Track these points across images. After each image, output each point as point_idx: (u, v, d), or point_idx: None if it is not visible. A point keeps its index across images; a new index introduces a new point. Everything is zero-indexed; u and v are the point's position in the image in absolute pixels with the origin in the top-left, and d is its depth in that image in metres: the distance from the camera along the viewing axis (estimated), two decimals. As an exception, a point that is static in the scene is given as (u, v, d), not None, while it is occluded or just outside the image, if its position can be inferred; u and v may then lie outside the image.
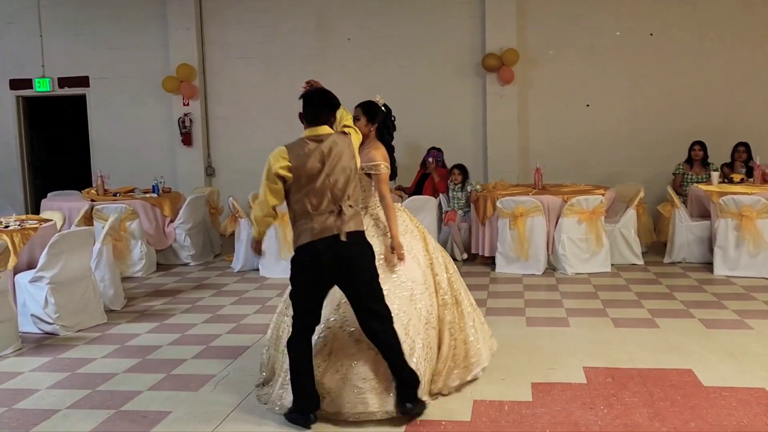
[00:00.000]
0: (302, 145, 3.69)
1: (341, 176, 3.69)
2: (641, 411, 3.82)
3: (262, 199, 3.67)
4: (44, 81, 11.19)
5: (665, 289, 6.71)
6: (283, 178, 3.62)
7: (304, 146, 3.68)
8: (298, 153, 3.65)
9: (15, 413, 4.02)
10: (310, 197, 3.64)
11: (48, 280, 5.55)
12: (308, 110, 3.80)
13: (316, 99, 3.83)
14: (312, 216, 3.64)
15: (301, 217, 3.66)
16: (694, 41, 9.79)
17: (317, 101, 3.83)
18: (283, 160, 3.61)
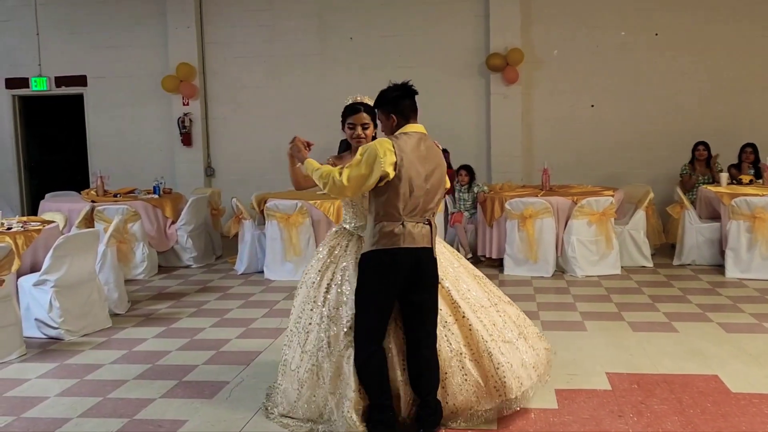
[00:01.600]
0: (407, 141, 3.46)
1: (437, 183, 3.54)
2: (672, 419, 3.72)
3: (340, 183, 3.38)
4: (41, 80, 11.02)
5: (678, 291, 6.63)
6: (385, 175, 3.37)
7: (410, 143, 3.46)
8: (402, 145, 3.42)
9: (24, 422, 3.88)
10: (404, 198, 3.41)
11: (53, 284, 5.40)
12: (407, 101, 3.55)
13: (411, 91, 3.57)
14: (402, 220, 3.43)
15: (387, 218, 3.42)
16: (699, 41, 9.73)
17: (412, 93, 3.57)
18: (390, 154, 3.36)
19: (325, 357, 3.61)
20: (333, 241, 3.87)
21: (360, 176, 3.38)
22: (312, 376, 3.65)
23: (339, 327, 3.61)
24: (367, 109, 3.88)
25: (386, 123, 3.62)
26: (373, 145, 3.41)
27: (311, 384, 3.66)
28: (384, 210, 3.44)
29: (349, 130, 3.90)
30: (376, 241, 3.45)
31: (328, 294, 3.70)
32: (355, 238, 3.80)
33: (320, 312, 3.68)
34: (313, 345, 3.66)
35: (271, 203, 7.65)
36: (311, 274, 3.83)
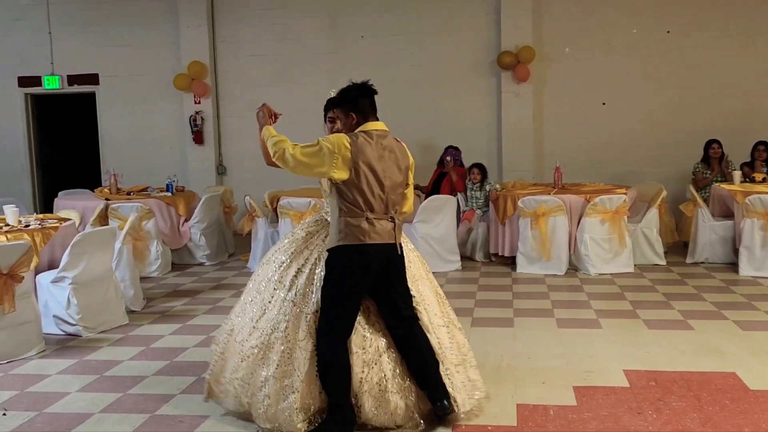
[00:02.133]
0: (363, 137, 3.54)
1: (397, 180, 3.60)
2: (691, 416, 3.73)
3: (289, 156, 3.44)
4: (53, 79, 11.07)
5: (692, 290, 6.63)
6: (332, 179, 3.48)
7: (369, 140, 3.54)
8: (360, 144, 3.50)
9: (47, 417, 3.91)
10: (365, 195, 3.48)
11: (70, 281, 5.44)
12: (366, 100, 3.64)
13: (370, 90, 3.66)
14: (366, 215, 3.49)
15: (354, 214, 3.48)
16: (711, 39, 9.70)
17: (371, 92, 3.66)
18: (346, 151, 3.45)
19: (278, 339, 3.57)
20: (312, 228, 3.86)
21: (308, 160, 3.44)
22: (257, 354, 3.61)
23: (301, 314, 3.58)
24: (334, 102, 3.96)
25: (345, 121, 3.71)
26: (332, 141, 3.45)
27: (253, 361, 3.62)
28: (347, 205, 3.50)
29: (329, 123, 4.02)
30: (342, 236, 3.49)
31: (296, 278, 3.66)
32: None
33: (284, 294, 3.64)
34: (267, 324, 3.63)
35: (285, 201, 7.68)
36: (280, 254, 3.81)
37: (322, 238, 3.74)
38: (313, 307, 3.58)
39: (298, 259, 3.72)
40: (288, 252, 3.77)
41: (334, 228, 3.53)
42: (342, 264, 3.51)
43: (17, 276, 4.91)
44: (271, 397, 3.55)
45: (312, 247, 3.74)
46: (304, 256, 3.72)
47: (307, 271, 3.66)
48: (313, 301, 3.59)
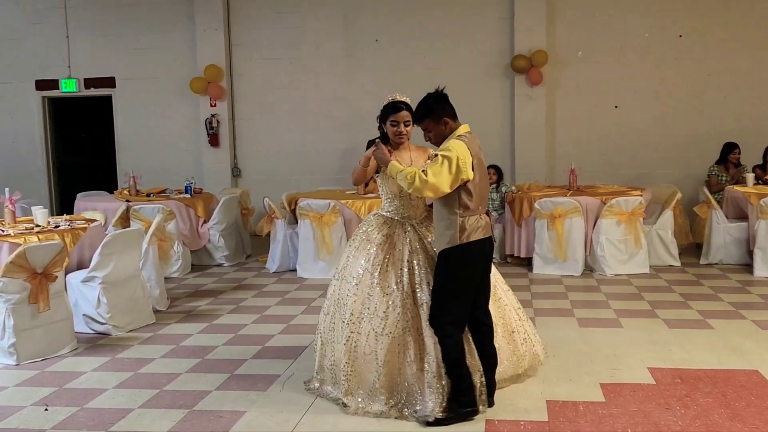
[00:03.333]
0: (471, 140, 3.75)
1: (486, 178, 3.85)
2: (719, 411, 3.82)
3: (433, 182, 3.58)
4: (70, 82, 11.19)
5: (709, 290, 6.71)
6: (467, 179, 3.67)
7: (473, 141, 3.75)
8: (474, 149, 3.71)
9: (89, 413, 4.01)
10: (478, 194, 3.73)
11: (100, 280, 5.54)
12: (449, 105, 3.82)
13: (447, 96, 3.85)
14: (479, 213, 3.75)
15: (468, 212, 3.71)
16: (723, 42, 9.80)
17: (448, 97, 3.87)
18: (468, 156, 3.65)
19: (410, 338, 3.84)
20: (386, 229, 4.09)
21: (444, 175, 3.60)
22: (395, 356, 3.85)
23: (420, 309, 3.86)
24: (407, 107, 4.09)
25: (438, 130, 3.82)
26: (455, 149, 3.63)
27: (393, 363, 3.85)
28: (463, 205, 3.71)
29: (392, 127, 4.11)
30: (466, 235, 3.71)
31: (401, 280, 3.92)
32: (408, 226, 4.08)
33: (399, 295, 3.89)
34: (394, 326, 3.86)
35: (304, 203, 7.78)
36: (365, 261, 4.01)
37: (400, 235, 4.03)
38: (426, 299, 3.86)
39: (392, 261, 3.99)
40: (376, 258, 3.99)
41: (453, 228, 3.69)
42: (465, 259, 3.73)
43: (51, 275, 5.03)
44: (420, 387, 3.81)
45: (400, 247, 4.01)
46: (395, 256, 3.99)
47: (407, 271, 3.94)
48: (421, 295, 3.88)
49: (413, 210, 4.12)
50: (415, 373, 3.81)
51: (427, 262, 3.95)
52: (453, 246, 3.70)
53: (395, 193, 4.09)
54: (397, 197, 4.10)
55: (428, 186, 3.61)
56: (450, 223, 3.71)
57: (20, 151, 11.41)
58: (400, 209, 4.11)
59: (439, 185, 3.60)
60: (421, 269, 3.92)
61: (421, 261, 3.95)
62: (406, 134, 4.12)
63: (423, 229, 4.09)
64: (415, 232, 4.05)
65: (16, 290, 4.87)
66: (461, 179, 3.64)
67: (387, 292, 3.90)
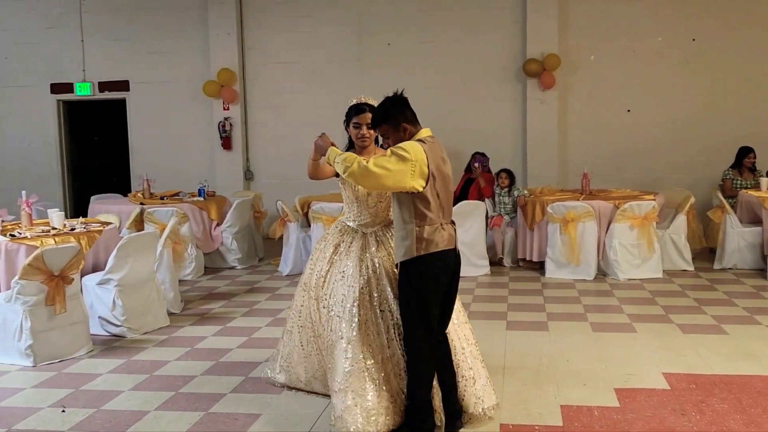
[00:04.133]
0: (432, 145, 3.51)
1: (451, 186, 3.65)
2: (734, 417, 3.81)
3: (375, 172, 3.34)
4: (85, 85, 11.29)
5: (723, 295, 6.69)
6: (410, 189, 3.41)
7: (435, 147, 3.52)
8: (434, 155, 3.49)
9: (105, 414, 4.05)
10: (437, 203, 3.48)
11: (116, 283, 5.59)
12: (409, 109, 3.59)
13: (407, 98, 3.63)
14: (439, 223, 3.49)
15: (426, 222, 3.46)
16: (737, 46, 9.76)
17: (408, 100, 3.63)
18: (424, 166, 3.40)
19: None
20: (337, 238, 4.05)
21: (384, 171, 3.35)
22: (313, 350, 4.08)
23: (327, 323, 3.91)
24: (372, 109, 3.91)
25: (396, 136, 3.58)
26: (407, 150, 3.38)
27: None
28: (420, 215, 3.46)
29: (354, 129, 4.01)
30: (424, 245, 3.45)
31: (335, 289, 3.90)
32: (359, 235, 3.98)
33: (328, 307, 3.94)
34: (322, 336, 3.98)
35: (317, 206, 7.80)
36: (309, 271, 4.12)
37: (348, 243, 3.97)
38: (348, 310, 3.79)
39: (335, 275, 3.95)
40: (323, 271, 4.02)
41: (410, 238, 3.45)
42: (425, 272, 3.47)
43: (68, 278, 5.07)
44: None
45: (342, 258, 3.95)
46: (338, 269, 3.94)
47: (340, 281, 3.90)
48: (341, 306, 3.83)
49: (372, 217, 3.96)
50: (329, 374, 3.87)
51: (358, 273, 3.81)
52: (410, 258, 3.46)
53: (352, 198, 3.96)
54: (354, 202, 3.96)
55: (367, 174, 3.35)
56: (406, 234, 3.48)
57: (35, 154, 11.51)
58: (358, 216, 3.97)
59: (379, 177, 3.34)
60: (353, 278, 3.82)
61: (354, 272, 3.83)
62: (370, 137, 3.99)
63: (373, 237, 3.92)
64: (361, 240, 3.92)
65: (33, 292, 4.92)
66: (405, 186, 3.38)
67: (320, 304, 4.00)
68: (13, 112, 11.54)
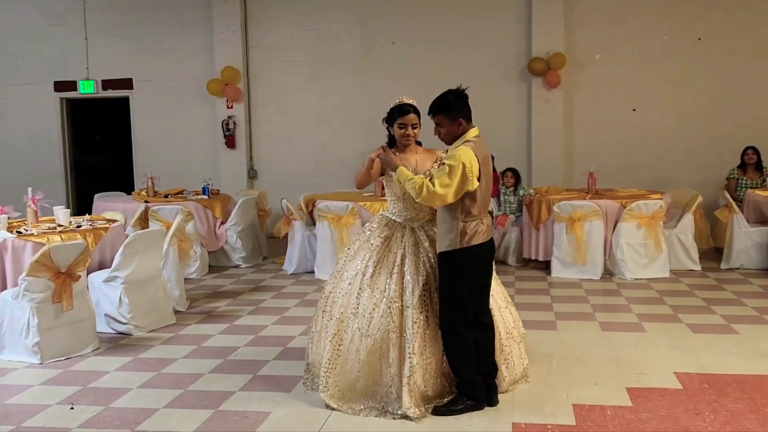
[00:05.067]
0: (478, 144, 3.76)
1: (490, 182, 3.88)
2: (749, 417, 3.78)
3: (441, 194, 3.64)
4: (88, 83, 11.26)
5: (732, 295, 6.65)
6: (473, 189, 3.71)
7: (481, 146, 3.77)
8: (481, 154, 3.75)
9: (114, 412, 4.01)
10: (482, 200, 3.78)
11: (122, 280, 5.55)
12: (468, 106, 3.83)
13: (467, 96, 3.86)
14: (480, 218, 3.80)
15: (470, 217, 3.76)
16: (743, 45, 9.74)
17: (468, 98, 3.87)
18: (476, 166, 3.68)
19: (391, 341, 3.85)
20: (386, 231, 4.13)
21: (453, 186, 3.64)
22: (376, 358, 3.87)
23: (405, 313, 3.88)
24: (414, 109, 4.10)
25: (451, 128, 3.83)
26: (464, 159, 3.65)
27: (374, 364, 3.88)
28: (466, 211, 3.76)
29: (399, 129, 4.10)
30: (467, 239, 3.77)
31: (389, 283, 3.94)
32: (408, 230, 4.10)
33: (385, 299, 3.90)
34: (377, 329, 3.87)
35: (322, 204, 7.77)
36: (361, 262, 4.05)
37: (399, 238, 4.06)
38: (411, 301, 3.87)
39: (386, 264, 4.00)
40: (370, 259, 4.04)
41: (454, 231, 3.75)
42: (464, 263, 3.78)
43: (75, 275, 5.04)
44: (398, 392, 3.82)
45: (395, 250, 4.02)
46: (390, 260, 4.01)
47: (396, 273, 3.95)
48: (408, 297, 3.88)
49: (416, 212, 4.13)
50: (393, 377, 3.84)
51: (416, 267, 3.96)
52: (453, 249, 3.75)
53: (398, 195, 4.11)
54: (400, 199, 4.12)
55: (436, 197, 3.66)
56: (451, 227, 3.76)
57: (38, 152, 11.48)
58: (403, 211, 4.14)
59: (445, 196, 3.65)
60: (410, 274, 3.93)
61: (410, 266, 3.96)
62: (413, 137, 4.13)
63: (423, 233, 4.09)
64: (412, 235, 4.07)
65: (40, 289, 4.88)
66: (466, 189, 3.68)
67: (375, 294, 3.93)
68: (16, 110, 11.50)
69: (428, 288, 3.94)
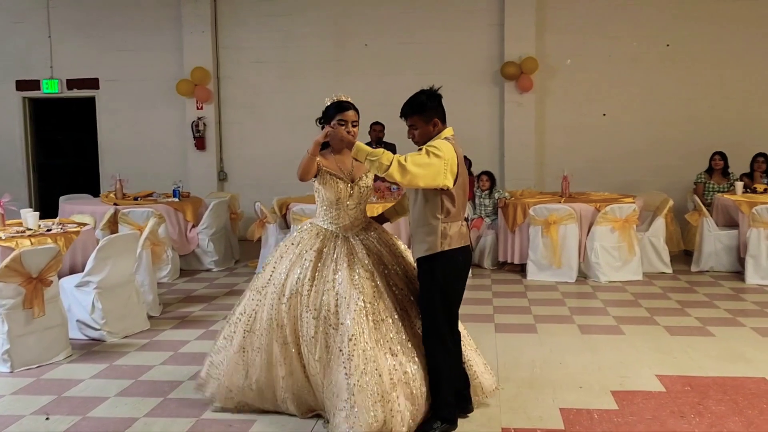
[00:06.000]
0: (456, 145, 3.61)
1: (467, 184, 3.70)
2: (733, 419, 3.82)
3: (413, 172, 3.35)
4: (52, 82, 10.98)
5: (704, 297, 6.76)
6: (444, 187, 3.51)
7: (456, 146, 3.61)
8: (459, 155, 3.58)
9: (92, 422, 3.88)
10: (461, 201, 3.61)
11: (95, 285, 5.40)
12: (442, 108, 3.65)
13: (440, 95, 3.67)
14: (460, 220, 3.63)
15: (450, 218, 3.57)
16: (710, 53, 9.92)
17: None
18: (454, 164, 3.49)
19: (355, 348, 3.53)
20: (318, 243, 3.81)
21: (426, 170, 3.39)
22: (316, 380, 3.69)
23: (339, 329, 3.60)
24: (353, 107, 3.86)
25: (425, 129, 3.61)
26: (440, 149, 3.43)
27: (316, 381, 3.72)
28: (446, 211, 3.56)
29: (339, 126, 3.75)
30: (448, 241, 3.55)
31: (325, 299, 3.66)
32: (341, 239, 3.82)
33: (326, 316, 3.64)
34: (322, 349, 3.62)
35: (297, 207, 7.68)
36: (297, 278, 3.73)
37: (331, 249, 3.78)
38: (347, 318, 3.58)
39: (321, 281, 3.71)
40: (308, 278, 3.71)
41: (434, 234, 3.53)
42: (449, 267, 3.57)
43: (46, 280, 4.88)
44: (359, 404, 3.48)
45: (328, 264, 3.73)
46: (323, 275, 3.71)
47: (329, 289, 3.67)
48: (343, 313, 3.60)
49: (352, 219, 3.87)
50: (326, 392, 3.63)
51: (350, 281, 3.65)
52: (434, 253, 3.53)
53: (332, 201, 3.82)
54: (333, 205, 3.83)
55: (406, 173, 3.34)
56: (431, 229, 3.54)
57: (0, 153, 11.15)
58: (337, 219, 3.85)
59: (415, 177, 3.36)
60: (343, 288, 3.63)
61: (344, 280, 3.65)
62: (354, 135, 3.77)
63: (358, 241, 3.83)
64: (346, 247, 3.79)
65: (10, 295, 4.71)
66: (439, 184, 3.44)
67: (314, 315, 3.65)
68: (-24, 109, 11.17)
69: (363, 301, 3.61)
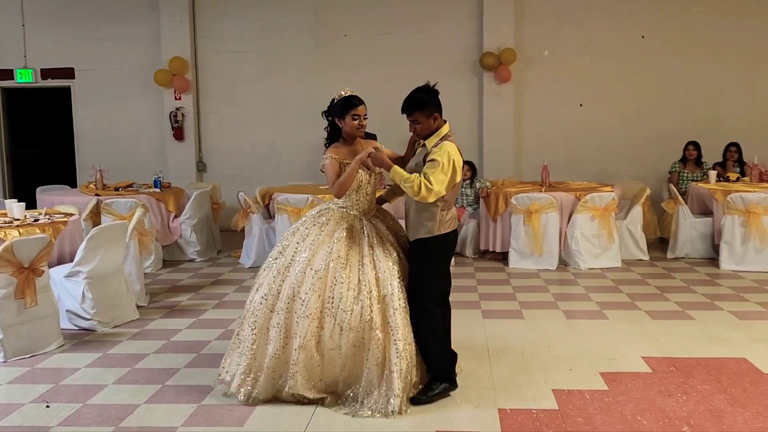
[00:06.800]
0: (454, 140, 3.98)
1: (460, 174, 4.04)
2: (718, 397, 3.98)
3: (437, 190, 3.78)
4: (26, 72, 10.82)
5: (681, 283, 6.95)
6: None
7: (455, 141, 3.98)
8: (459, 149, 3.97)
9: (93, 408, 3.91)
10: (455, 190, 3.97)
11: (85, 275, 5.39)
12: (440, 102, 4.00)
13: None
14: (452, 206, 4.04)
15: (447, 206, 3.97)
16: (684, 44, 10.14)
17: None
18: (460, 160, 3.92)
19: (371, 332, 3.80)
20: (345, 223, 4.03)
21: (447, 180, 3.83)
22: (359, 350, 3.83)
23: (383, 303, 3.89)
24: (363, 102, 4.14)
25: (427, 123, 3.95)
26: (451, 156, 3.83)
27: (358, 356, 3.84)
28: (445, 200, 3.93)
29: (353, 121, 4.04)
30: (445, 226, 3.98)
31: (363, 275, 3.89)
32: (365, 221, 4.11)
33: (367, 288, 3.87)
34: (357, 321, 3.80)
35: (282, 197, 7.71)
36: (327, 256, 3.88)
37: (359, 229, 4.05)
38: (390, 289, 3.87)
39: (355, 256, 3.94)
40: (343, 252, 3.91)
41: (434, 219, 3.92)
42: (443, 248, 4.01)
43: (38, 270, 4.87)
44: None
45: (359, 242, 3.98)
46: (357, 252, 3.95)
47: (368, 263, 3.93)
48: (386, 285, 3.88)
49: (369, 204, 4.18)
50: (374, 367, 3.79)
51: (386, 255, 3.95)
52: (431, 236, 3.92)
53: (353, 188, 4.08)
54: (354, 192, 4.09)
55: (432, 193, 3.79)
56: (431, 215, 3.90)
57: (-28, 143, 10.98)
58: (357, 204, 4.12)
59: (441, 192, 3.83)
60: (381, 262, 3.92)
61: (380, 255, 3.94)
62: (365, 128, 4.13)
63: (379, 222, 4.16)
64: (372, 227, 4.08)
65: (2, 285, 4.70)
66: (455, 182, 3.89)
67: (350, 287, 3.83)
68: (-53, 99, 10.97)
69: (400, 275, 3.94)
